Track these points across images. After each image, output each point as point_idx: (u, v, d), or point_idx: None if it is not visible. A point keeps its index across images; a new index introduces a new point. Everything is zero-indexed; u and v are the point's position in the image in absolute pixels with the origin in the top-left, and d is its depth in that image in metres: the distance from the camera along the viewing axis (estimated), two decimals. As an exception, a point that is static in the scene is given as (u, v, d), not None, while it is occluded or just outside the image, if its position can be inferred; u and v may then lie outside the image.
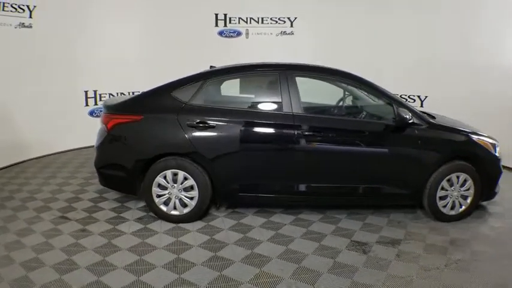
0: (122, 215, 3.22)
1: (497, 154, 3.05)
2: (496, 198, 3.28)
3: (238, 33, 6.18)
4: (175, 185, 3.00)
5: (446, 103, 4.80)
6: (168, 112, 2.98)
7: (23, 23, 4.68)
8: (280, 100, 2.98)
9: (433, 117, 3.15)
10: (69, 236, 2.76)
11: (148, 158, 2.95)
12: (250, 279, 2.28)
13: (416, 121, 2.93)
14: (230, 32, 6.16)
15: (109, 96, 5.89)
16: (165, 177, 2.99)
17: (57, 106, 5.14)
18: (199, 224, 3.04)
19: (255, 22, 6.17)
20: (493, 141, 3.08)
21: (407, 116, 2.85)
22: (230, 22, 6.16)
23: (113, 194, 3.67)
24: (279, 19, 6.12)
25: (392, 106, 2.94)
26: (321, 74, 3.12)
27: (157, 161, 2.97)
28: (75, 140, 5.44)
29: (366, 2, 5.66)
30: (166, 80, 3.64)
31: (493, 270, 2.40)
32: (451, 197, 3.02)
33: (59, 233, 2.82)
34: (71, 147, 5.49)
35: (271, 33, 6.14)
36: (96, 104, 5.69)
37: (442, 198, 3.02)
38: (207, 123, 2.92)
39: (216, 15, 6.17)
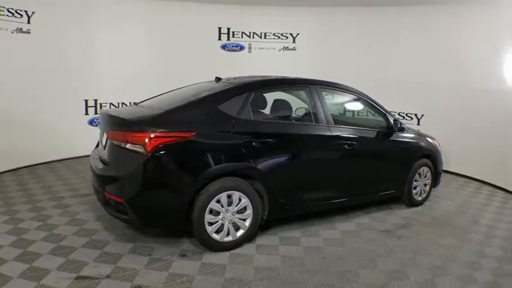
0: (153, 256, 2.61)
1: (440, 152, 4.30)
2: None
3: (241, 47, 6.00)
4: (229, 208, 2.71)
5: (440, 121, 5.31)
6: (222, 128, 2.67)
7: (21, 28, 4.57)
8: (316, 112, 3.19)
9: None
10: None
11: (206, 181, 2.55)
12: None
13: (405, 128, 3.79)
14: (233, 46, 5.96)
15: (109, 106, 5.61)
16: (218, 201, 2.66)
17: (55, 114, 5.08)
18: (251, 247, 2.84)
19: (258, 37, 6.07)
20: (438, 142, 4.31)
21: (403, 126, 3.68)
22: (233, 36, 5.96)
23: (101, 234, 2.91)
24: (281, 35, 6.16)
25: (387, 117, 3.69)
26: (342, 90, 3.52)
27: (208, 184, 2.60)
28: (73, 149, 5.31)
29: (368, 25, 5.86)
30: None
31: (472, 225, 3.50)
32: (419, 186, 4.02)
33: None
34: (69, 156, 5.34)
35: (273, 48, 6.12)
36: (96, 113, 5.48)
37: (414, 188, 3.97)
38: (264, 138, 2.80)
39: (220, 29, 6.01)
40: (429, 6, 5.33)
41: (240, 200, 2.74)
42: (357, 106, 3.96)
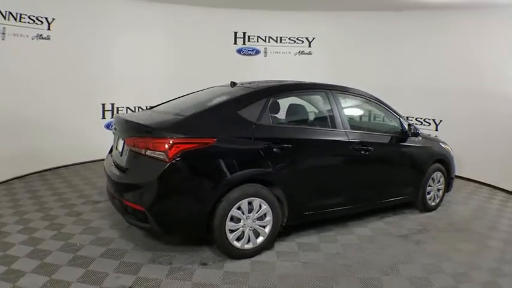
0: (174, 265, 2.56)
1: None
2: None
3: (257, 52, 6.05)
4: (249, 215, 2.67)
5: (459, 126, 5.27)
6: (243, 133, 2.64)
7: (41, 35, 4.69)
8: (334, 118, 3.17)
9: None
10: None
11: (228, 188, 2.51)
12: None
13: (419, 133, 3.76)
14: (249, 50, 6.03)
15: (126, 110, 5.72)
16: (239, 208, 2.62)
17: (73, 118, 5.15)
18: (271, 254, 2.81)
19: (273, 41, 6.08)
20: (450, 147, 4.29)
21: (418, 130, 3.66)
22: (249, 40, 6.03)
23: (118, 243, 2.86)
24: (297, 39, 6.15)
25: (401, 122, 3.66)
26: (357, 95, 3.50)
27: (230, 191, 2.56)
28: (90, 153, 5.33)
29: (385, 29, 5.81)
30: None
31: (489, 230, 3.49)
32: (433, 191, 3.98)
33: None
34: (86, 160, 5.39)
35: (289, 52, 6.11)
36: (113, 117, 5.55)
37: (428, 193, 3.94)
38: (283, 144, 2.77)
39: (235, 33, 6.08)
40: (448, 10, 5.25)
41: (260, 206, 2.71)
42: (372, 111, 3.94)
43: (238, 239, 2.66)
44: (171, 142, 2.38)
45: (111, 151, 3.29)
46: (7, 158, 4.33)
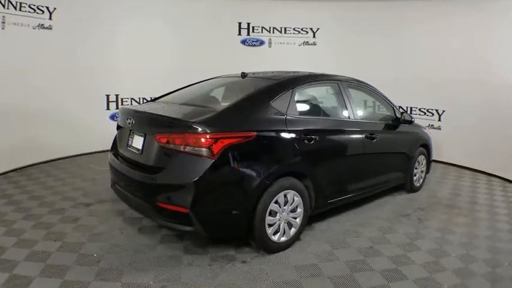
0: (214, 266, 2.42)
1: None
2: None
3: (261, 42, 5.89)
4: (285, 207, 2.63)
5: (460, 116, 5.35)
6: (277, 125, 2.55)
7: (42, 24, 4.59)
8: (347, 108, 3.25)
9: None
10: None
11: (270, 182, 2.42)
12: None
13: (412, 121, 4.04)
14: (253, 41, 5.88)
15: (131, 101, 5.66)
16: (276, 202, 2.56)
17: (77, 109, 5.09)
18: (301, 244, 2.80)
19: (277, 32, 5.90)
20: (429, 132, 4.69)
21: (413, 119, 3.95)
22: (253, 31, 5.87)
23: (139, 249, 2.59)
24: (301, 29, 5.95)
25: (394, 110, 3.91)
26: (360, 85, 3.60)
27: (271, 184, 2.47)
28: (94, 144, 5.28)
29: (389, 20, 5.77)
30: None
31: (472, 205, 3.90)
32: (418, 174, 4.34)
33: None
34: (89, 151, 5.37)
35: (293, 43, 5.92)
36: (117, 108, 5.52)
37: (414, 175, 4.28)
38: (311, 135, 2.75)
39: (240, 24, 5.92)
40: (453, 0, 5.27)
41: (293, 198, 2.68)
42: (373, 101, 4.12)
43: (274, 233, 2.61)
44: (214, 137, 2.19)
45: (113, 148, 2.92)
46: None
